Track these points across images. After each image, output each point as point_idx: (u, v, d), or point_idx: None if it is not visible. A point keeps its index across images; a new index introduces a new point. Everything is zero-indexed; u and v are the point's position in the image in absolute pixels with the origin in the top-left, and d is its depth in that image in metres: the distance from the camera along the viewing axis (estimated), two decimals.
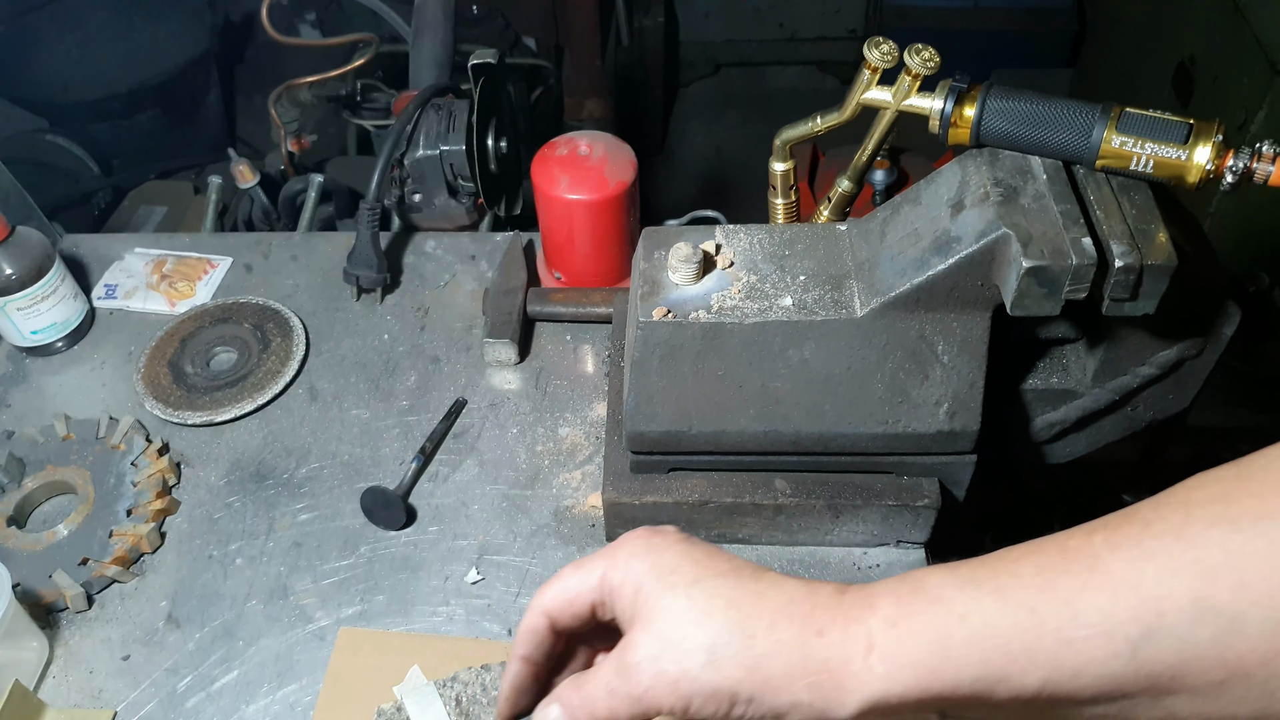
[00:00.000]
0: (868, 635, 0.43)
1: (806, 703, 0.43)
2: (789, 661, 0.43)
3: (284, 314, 1.05)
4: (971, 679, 0.41)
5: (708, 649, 0.44)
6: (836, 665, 0.43)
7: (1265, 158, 0.62)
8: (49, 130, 2.03)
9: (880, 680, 0.42)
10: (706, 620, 0.45)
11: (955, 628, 0.41)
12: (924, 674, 0.42)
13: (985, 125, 0.68)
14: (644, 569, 0.47)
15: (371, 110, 1.64)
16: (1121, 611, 0.39)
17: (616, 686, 0.46)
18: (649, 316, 0.68)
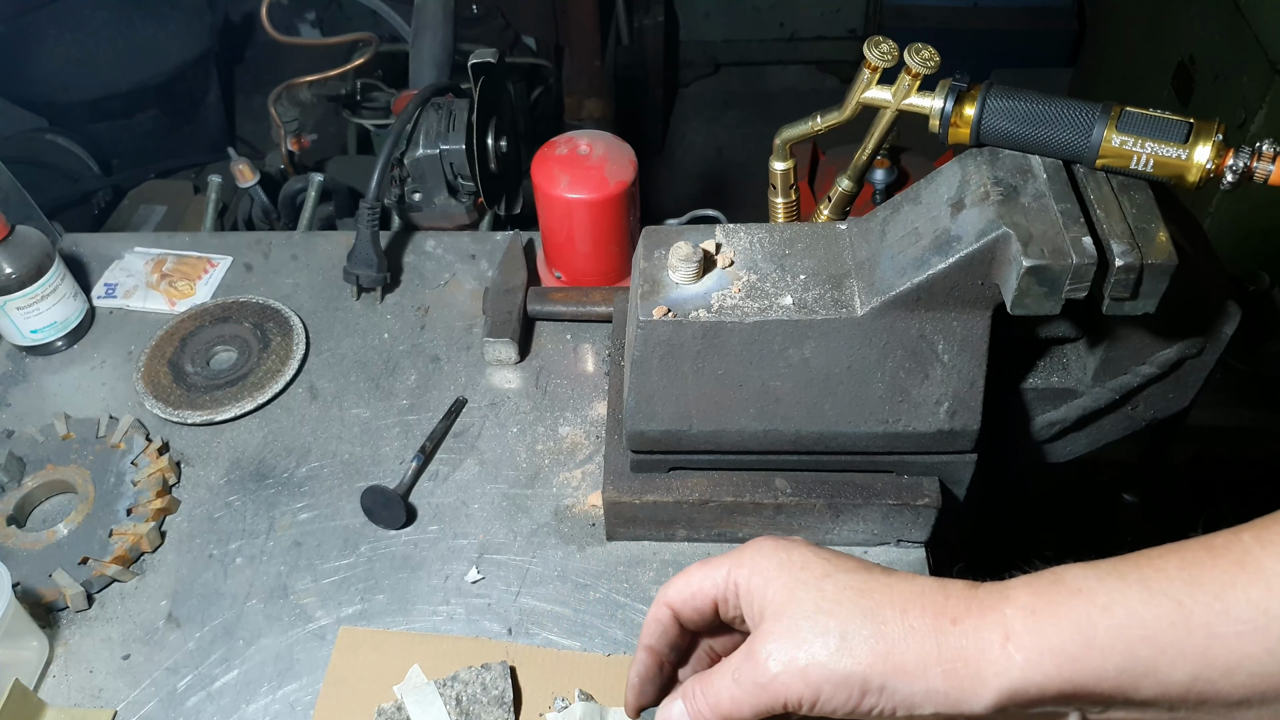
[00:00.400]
0: (1004, 623, 0.41)
1: (941, 691, 0.42)
2: (923, 649, 0.42)
3: (284, 313, 1.05)
4: (1116, 670, 0.39)
5: (840, 635, 0.43)
6: (972, 654, 0.41)
7: (1265, 157, 0.63)
8: (49, 130, 2.04)
9: (1019, 669, 0.40)
10: (837, 609, 0.44)
11: (1099, 618, 0.39)
12: (1066, 663, 0.40)
13: (985, 124, 0.68)
14: (772, 565, 0.47)
15: (371, 110, 1.64)
16: (1277, 606, 0.37)
17: (743, 675, 0.45)
18: (649, 315, 0.68)
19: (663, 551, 0.83)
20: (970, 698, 0.41)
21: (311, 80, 1.55)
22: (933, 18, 2.88)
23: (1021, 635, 0.41)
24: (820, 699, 0.43)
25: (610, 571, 0.82)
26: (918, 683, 0.42)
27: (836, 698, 0.43)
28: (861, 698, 0.43)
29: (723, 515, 0.80)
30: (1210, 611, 0.38)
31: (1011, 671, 0.40)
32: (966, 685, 0.41)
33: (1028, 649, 0.40)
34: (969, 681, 0.41)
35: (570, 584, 0.82)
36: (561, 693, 0.74)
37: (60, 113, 2.08)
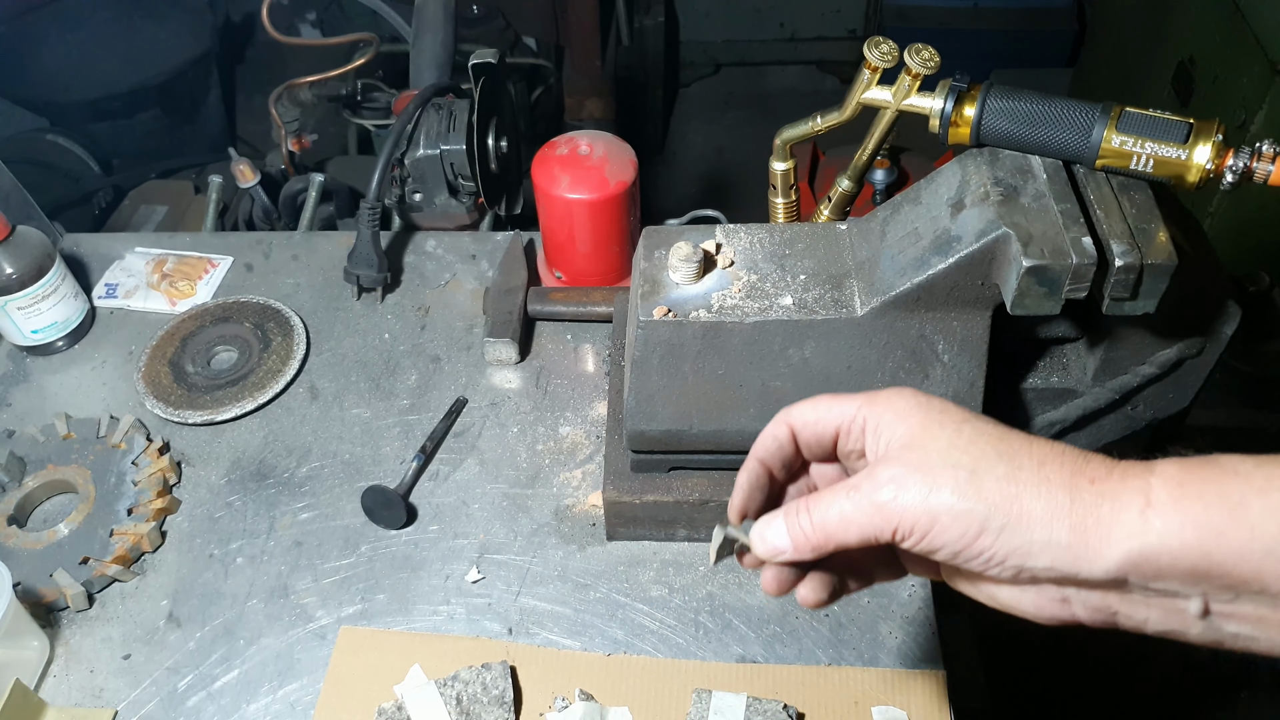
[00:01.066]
0: (1147, 490, 0.39)
1: (1063, 545, 0.40)
2: (1054, 499, 0.40)
3: (284, 313, 1.05)
4: (1263, 553, 0.37)
5: (971, 471, 0.41)
6: (1106, 513, 0.39)
7: (1265, 157, 0.63)
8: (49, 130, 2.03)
9: (1155, 534, 0.38)
10: (972, 448, 0.42)
11: (1253, 498, 0.37)
12: (1209, 535, 0.37)
13: (985, 125, 0.68)
14: (909, 405, 0.45)
15: (372, 110, 1.64)
16: None
17: (861, 494, 0.43)
18: (649, 316, 0.68)
19: (663, 551, 0.83)
20: (1093, 557, 0.39)
21: (312, 80, 1.55)
22: (933, 18, 2.88)
23: (1164, 503, 0.39)
24: (934, 530, 0.42)
25: (610, 571, 0.82)
26: (1039, 531, 0.40)
27: (950, 531, 0.41)
28: (977, 536, 0.41)
29: (722, 515, 0.80)
30: None
31: (1146, 535, 0.38)
32: (1092, 543, 0.39)
33: (1168, 516, 0.38)
34: (1096, 540, 0.39)
35: (570, 584, 0.82)
36: (561, 692, 0.74)
37: (61, 113, 2.08)
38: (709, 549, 0.52)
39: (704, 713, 0.71)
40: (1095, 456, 0.42)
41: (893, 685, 0.74)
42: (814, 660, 0.76)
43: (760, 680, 0.74)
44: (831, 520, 0.44)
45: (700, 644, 0.77)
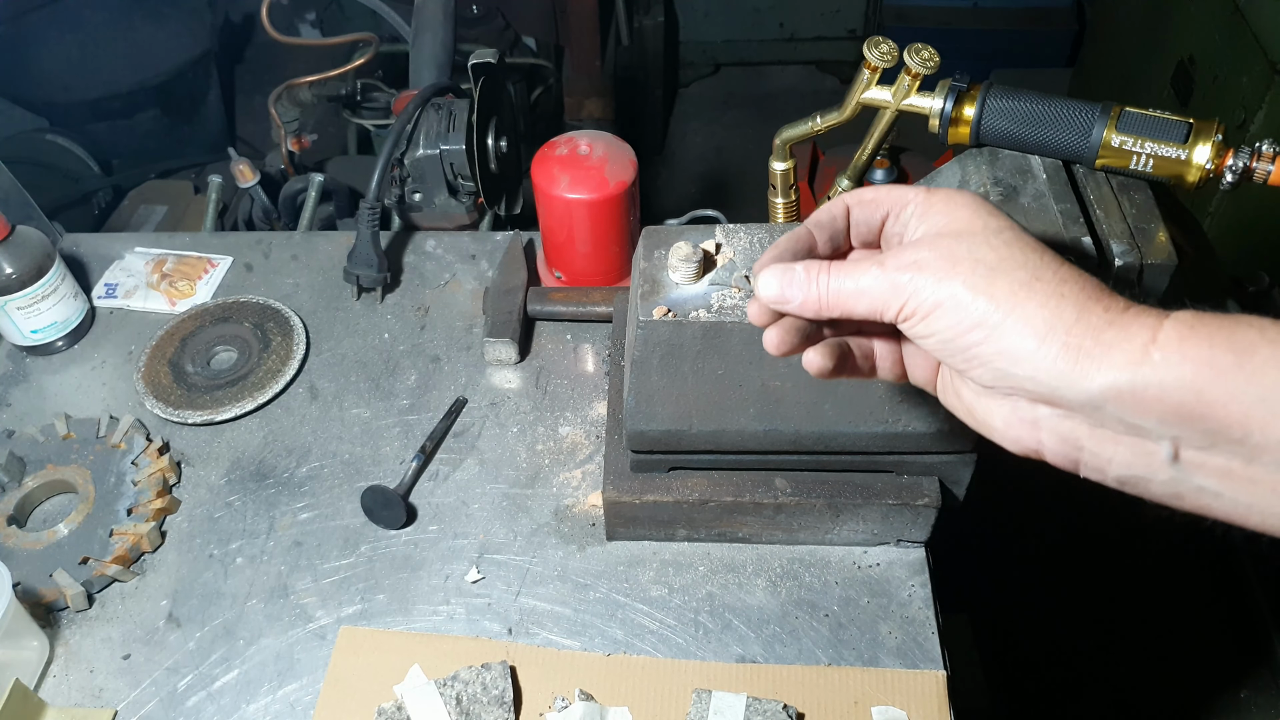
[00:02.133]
0: (1156, 328, 0.39)
1: (1050, 358, 0.40)
2: (1059, 313, 0.40)
3: (284, 313, 1.05)
4: (1255, 399, 0.37)
5: (991, 266, 0.42)
6: (1108, 339, 0.39)
7: (1265, 157, 0.63)
8: (49, 130, 2.03)
9: (1151, 367, 0.38)
10: (1003, 248, 0.42)
11: (1262, 345, 0.37)
12: (1207, 373, 0.37)
13: (985, 124, 0.68)
14: (963, 200, 0.46)
15: (371, 110, 1.64)
16: None
17: (883, 268, 0.44)
18: (649, 316, 0.68)
19: (663, 551, 0.83)
20: (1078, 377, 0.40)
21: (312, 80, 1.55)
22: (933, 18, 2.89)
23: (1169, 340, 0.39)
24: (934, 314, 0.43)
25: (610, 571, 0.82)
26: (1032, 340, 0.40)
27: (948, 318, 0.42)
28: (971, 329, 0.42)
29: (723, 515, 0.80)
30: None
31: (1141, 367, 0.38)
32: (1083, 364, 0.39)
33: (1169, 351, 0.38)
34: (1088, 362, 0.39)
35: (570, 584, 0.82)
36: (561, 693, 0.74)
37: (60, 113, 2.08)
38: None
39: (704, 713, 0.71)
40: (1119, 297, 0.41)
41: (893, 685, 0.74)
42: (814, 660, 0.76)
43: (760, 680, 0.74)
44: (848, 286, 0.45)
45: (700, 644, 0.77)
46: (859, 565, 0.82)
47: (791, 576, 0.81)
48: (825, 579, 0.81)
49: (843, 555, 0.82)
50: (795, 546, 0.83)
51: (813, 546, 0.83)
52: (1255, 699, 1.69)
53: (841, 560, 0.82)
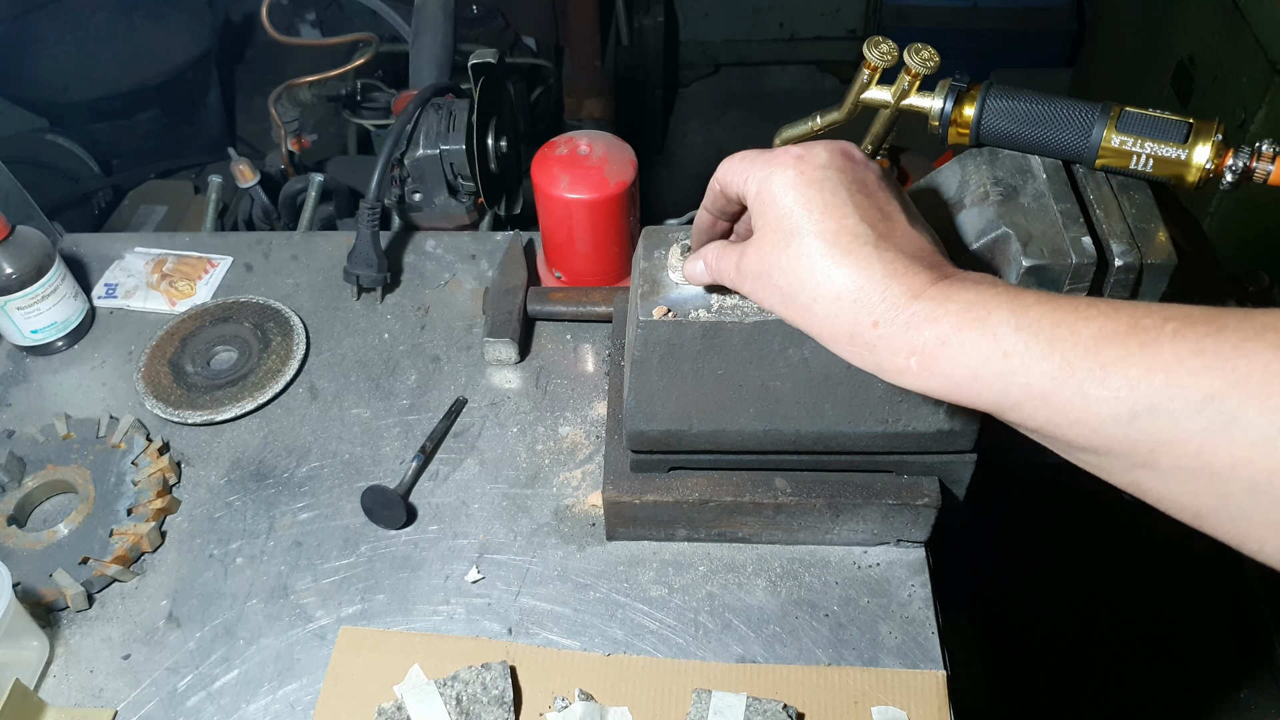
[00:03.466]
0: (915, 345, 0.49)
1: (851, 353, 0.52)
2: (836, 331, 0.52)
3: (284, 313, 1.05)
4: (989, 402, 0.47)
5: (783, 293, 0.54)
6: (882, 357, 0.50)
7: (1265, 156, 0.63)
8: (49, 130, 2.03)
9: (911, 378, 0.49)
10: (791, 272, 0.53)
11: (996, 361, 0.46)
12: (950, 387, 0.48)
13: (985, 124, 0.68)
14: (772, 202, 0.54)
15: (371, 110, 1.64)
16: (1143, 388, 0.41)
17: (735, 258, 0.58)
18: (649, 316, 0.68)
19: (663, 551, 0.83)
20: (874, 367, 0.51)
21: (312, 80, 1.55)
22: (932, 18, 2.89)
23: (926, 361, 0.48)
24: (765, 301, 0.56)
25: (610, 571, 0.82)
26: (832, 344, 0.52)
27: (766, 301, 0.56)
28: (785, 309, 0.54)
29: (723, 515, 0.80)
30: (1091, 379, 0.43)
31: (903, 377, 0.50)
32: (874, 364, 0.51)
33: (924, 370, 0.49)
34: (873, 366, 0.51)
35: (570, 584, 0.82)
36: (561, 693, 0.74)
37: (60, 113, 2.08)
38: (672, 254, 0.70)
39: (704, 713, 0.71)
40: (897, 293, 0.50)
41: (893, 685, 0.74)
42: (814, 660, 0.76)
43: (760, 680, 0.74)
44: (717, 269, 0.61)
45: (700, 644, 0.77)
46: (859, 565, 0.82)
47: (791, 576, 0.81)
48: (825, 579, 0.81)
49: (843, 555, 0.82)
50: (795, 546, 0.83)
51: (813, 546, 0.83)
52: (1255, 699, 1.69)
53: (841, 560, 0.82)
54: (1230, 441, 0.39)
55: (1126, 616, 1.80)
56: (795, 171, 0.54)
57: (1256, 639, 1.73)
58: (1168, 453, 0.41)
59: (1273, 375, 0.38)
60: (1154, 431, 0.41)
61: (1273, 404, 0.38)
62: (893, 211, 0.54)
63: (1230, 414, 0.39)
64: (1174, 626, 1.78)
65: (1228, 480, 0.40)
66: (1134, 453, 0.43)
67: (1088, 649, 1.75)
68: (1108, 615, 1.80)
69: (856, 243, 0.51)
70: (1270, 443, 0.38)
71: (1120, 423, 0.42)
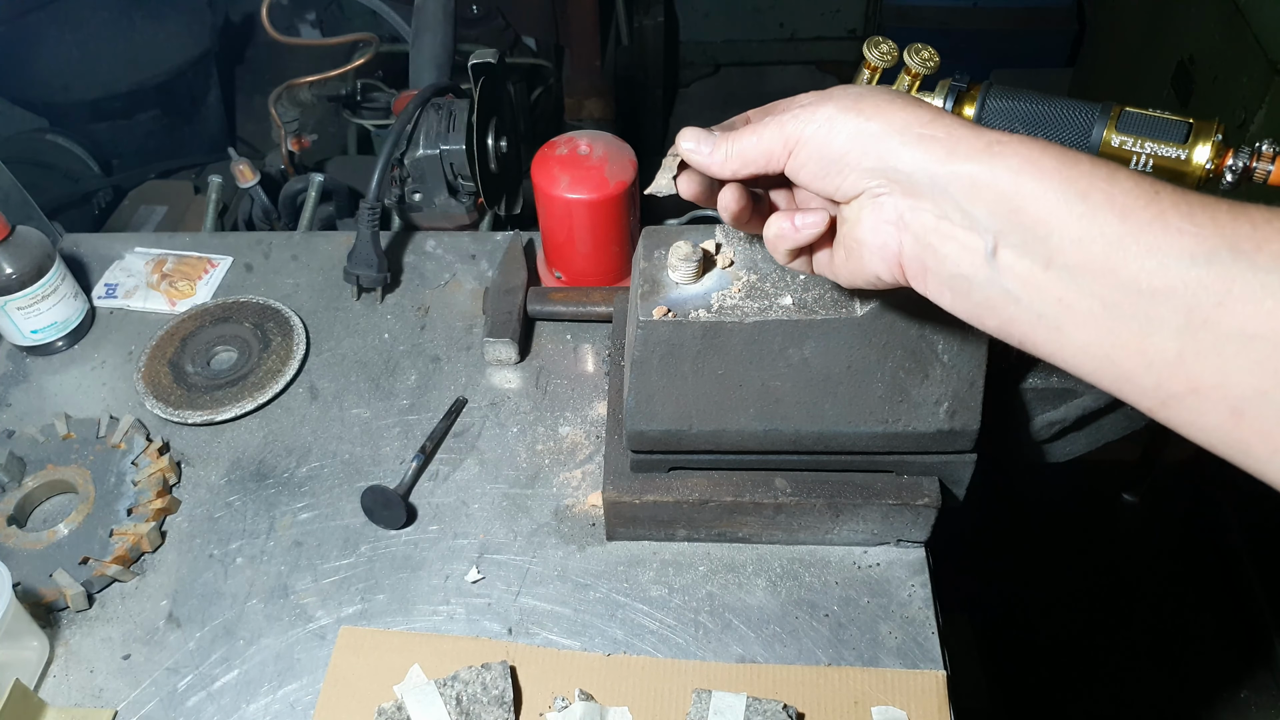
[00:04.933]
0: (1001, 137, 0.45)
1: (907, 150, 0.47)
2: (915, 114, 0.47)
3: (284, 313, 1.05)
4: (1063, 198, 0.43)
5: (855, 94, 0.49)
6: (960, 134, 0.46)
7: (1265, 157, 0.63)
8: (49, 130, 2.03)
9: (990, 158, 0.45)
10: (869, 91, 0.50)
11: (1085, 164, 0.43)
12: (1030, 171, 0.43)
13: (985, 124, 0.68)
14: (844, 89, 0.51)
15: (371, 110, 1.64)
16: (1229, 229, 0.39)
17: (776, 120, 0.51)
18: (649, 316, 0.68)
19: (663, 551, 0.83)
20: (929, 163, 0.46)
21: (312, 80, 1.55)
22: (933, 18, 2.89)
23: (1009, 144, 0.45)
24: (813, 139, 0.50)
25: (610, 571, 0.82)
26: (892, 138, 0.47)
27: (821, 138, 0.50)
28: (847, 140, 0.49)
29: (723, 515, 0.80)
30: (1177, 209, 0.40)
31: (981, 156, 0.45)
32: (934, 150, 0.46)
33: (1007, 149, 0.45)
34: (939, 148, 0.46)
35: (570, 584, 0.82)
36: (561, 693, 0.74)
37: (60, 113, 2.08)
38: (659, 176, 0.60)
39: (704, 713, 0.71)
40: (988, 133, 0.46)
41: (893, 685, 0.74)
42: (814, 660, 0.76)
43: (760, 680, 0.74)
44: (747, 140, 0.53)
45: (700, 644, 0.77)
46: (859, 565, 0.82)
47: (791, 576, 0.81)
48: (825, 579, 0.81)
49: (843, 555, 0.82)
50: (795, 546, 0.83)
51: (813, 546, 0.83)
52: (1255, 699, 1.69)
53: (841, 560, 0.82)
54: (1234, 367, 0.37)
55: (1126, 617, 1.80)
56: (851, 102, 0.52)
57: (1256, 639, 1.73)
58: (1235, 311, 0.38)
59: None
60: (1229, 280, 0.38)
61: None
62: None
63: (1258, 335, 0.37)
64: (1174, 626, 1.78)
65: (1218, 400, 0.38)
66: (1197, 305, 0.39)
67: (1087, 649, 1.76)
68: (1108, 615, 1.80)
69: None
70: None
71: (1196, 262, 0.39)
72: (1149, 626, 1.79)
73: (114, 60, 2.08)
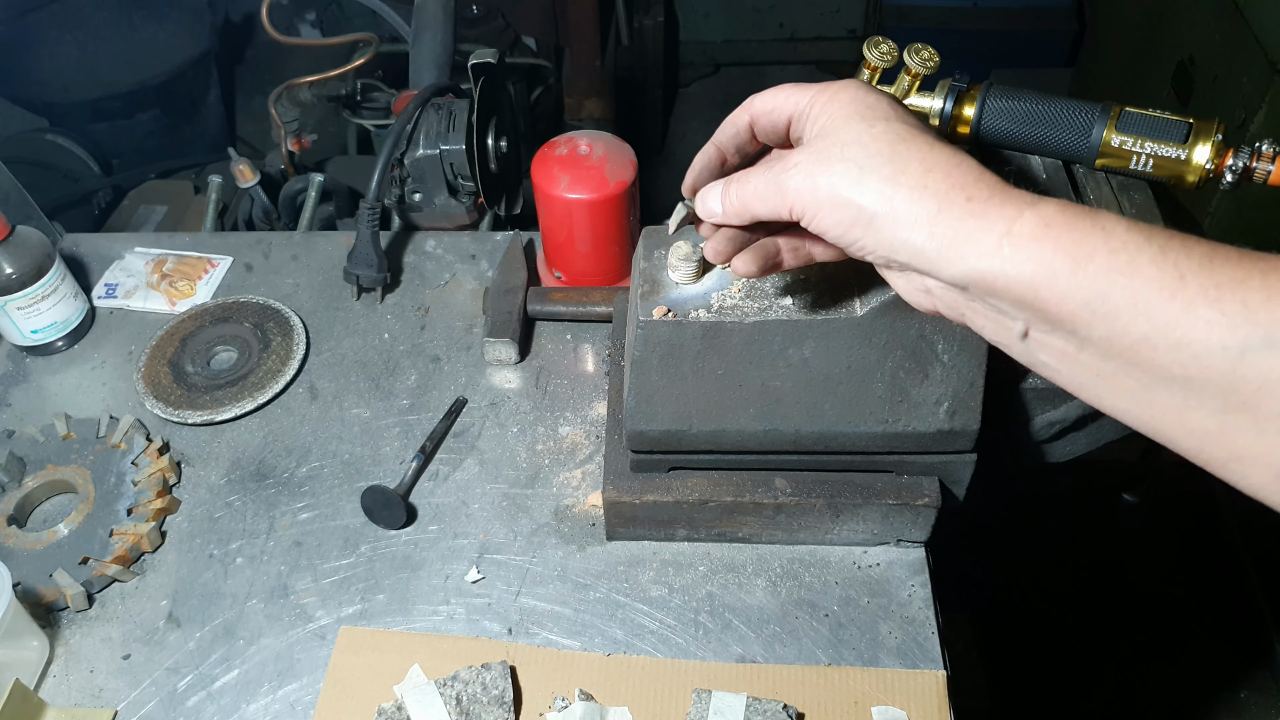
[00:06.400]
0: (1013, 222, 0.43)
1: (917, 247, 0.46)
2: (920, 206, 0.45)
3: (284, 313, 1.05)
4: (1078, 304, 0.41)
5: (860, 166, 0.47)
6: (968, 231, 0.44)
7: (1265, 156, 0.63)
8: (49, 130, 2.03)
9: (1000, 261, 0.43)
10: (872, 146, 0.47)
11: (1102, 255, 0.41)
12: (1045, 275, 0.42)
13: (985, 124, 0.68)
14: (847, 99, 0.50)
15: (371, 110, 1.64)
16: (1262, 316, 0.38)
17: (771, 173, 0.51)
18: (649, 316, 0.68)
19: (663, 551, 0.83)
20: (943, 264, 0.45)
21: (312, 80, 1.55)
22: (932, 18, 2.88)
23: (1022, 236, 0.43)
24: (819, 215, 0.49)
25: (610, 571, 0.82)
26: (902, 231, 0.46)
27: (831, 217, 0.48)
28: (851, 226, 0.48)
29: (723, 515, 0.80)
30: (1204, 295, 0.39)
31: (992, 258, 0.44)
32: (945, 252, 0.45)
33: (1019, 248, 0.43)
34: (949, 250, 0.45)
35: (570, 584, 0.82)
36: (561, 692, 0.74)
37: (60, 113, 2.08)
38: (669, 222, 0.61)
39: (704, 713, 0.71)
40: (991, 177, 0.46)
41: (893, 685, 0.74)
42: (814, 660, 0.76)
43: (760, 680, 0.74)
44: (748, 192, 0.52)
45: (700, 644, 0.77)
46: (859, 565, 0.82)
47: (791, 576, 0.81)
48: (825, 579, 0.81)
49: (843, 555, 0.82)
50: (795, 546, 0.83)
51: (813, 546, 0.83)
52: (1255, 699, 1.69)
53: (841, 560, 0.82)
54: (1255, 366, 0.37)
55: (1126, 616, 1.80)
56: (860, 85, 0.52)
57: (1256, 639, 1.73)
58: (1274, 392, 0.37)
59: None
60: (1267, 369, 0.37)
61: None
62: None
63: None
64: (1174, 626, 1.78)
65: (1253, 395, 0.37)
66: (1235, 391, 0.38)
67: (1088, 649, 1.76)
68: (1108, 615, 1.80)
69: (940, 140, 0.48)
70: None
71: (1230, 354, 0.38)
72: (1149, 626, 1.79)
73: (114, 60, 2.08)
